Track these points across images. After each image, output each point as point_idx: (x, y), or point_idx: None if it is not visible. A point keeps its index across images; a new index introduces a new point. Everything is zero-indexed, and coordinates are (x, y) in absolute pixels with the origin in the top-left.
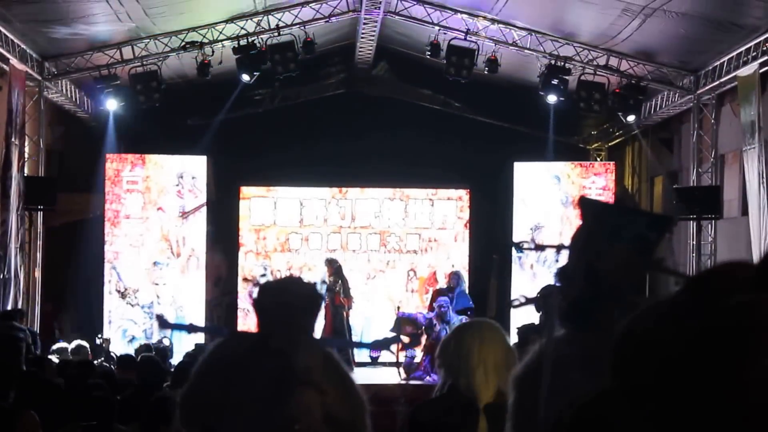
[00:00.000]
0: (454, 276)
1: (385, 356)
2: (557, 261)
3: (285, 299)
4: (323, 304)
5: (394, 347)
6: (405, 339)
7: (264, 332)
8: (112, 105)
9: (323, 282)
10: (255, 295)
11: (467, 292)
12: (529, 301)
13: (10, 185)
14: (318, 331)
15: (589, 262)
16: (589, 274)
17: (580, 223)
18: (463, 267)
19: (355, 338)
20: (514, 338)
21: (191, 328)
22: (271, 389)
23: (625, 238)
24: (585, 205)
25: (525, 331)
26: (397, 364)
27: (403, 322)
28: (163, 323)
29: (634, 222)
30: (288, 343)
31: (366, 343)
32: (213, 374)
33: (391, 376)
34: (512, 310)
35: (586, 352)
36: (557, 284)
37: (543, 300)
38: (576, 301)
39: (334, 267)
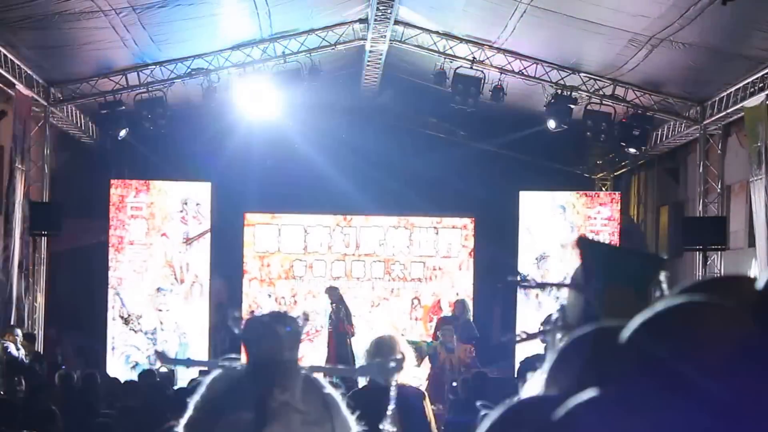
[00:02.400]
0: (459, 304)
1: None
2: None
3: (266, 334)
4: (304, 336)
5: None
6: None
7: (249, 366)
8: (117, 131)
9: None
10: (242, 328)
11: (472, 320)
12: (530, 336)
13: (14, 210)
14: (322, 359)
15: (588, 301)
16: (587, 313)
17: (579, 262)
18: (467, 295)
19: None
20: None
21: (190, 363)
22: (254, 416)
23: (621, 278)
24: (583, 245)
25: (527, 362)
26: None
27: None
28: (163, 359)
29: (629, 262)
30: (270, 376)
31: (352, 370)
32: (206, 406)
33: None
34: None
35: None
36: (558, 321)
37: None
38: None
39: (335, 295)
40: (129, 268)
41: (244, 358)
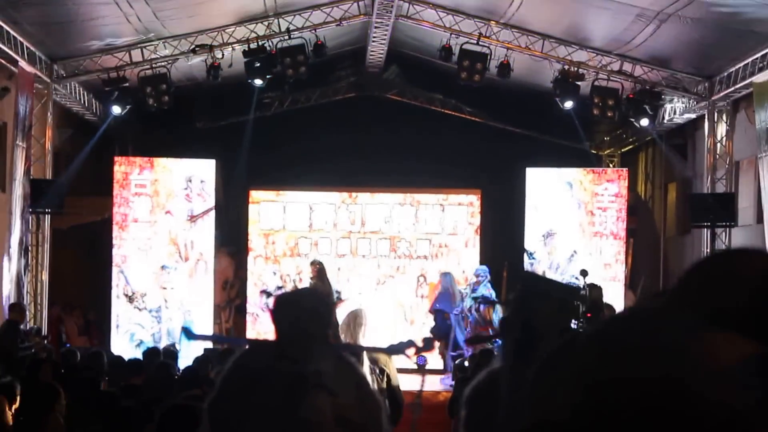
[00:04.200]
0: (442, 277)
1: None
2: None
3: (297, 310)
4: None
5: (410, 351)
6: (419, 343)
7: (279, 341)
8: (120, 108)
9: (335, 291)
10: (271, 306)
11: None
12: (481, 339)
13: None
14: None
15: (525, 318)
16: (525, 326)
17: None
18: (473, 273)
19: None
20: None
21: (216, 339)
22: (286, 394)
23: (550, 299)
24: (526, 276)
25: None
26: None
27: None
28: (189, 335)
29: (554, 288)
30: (300, 350)
31: (381, 348)
32: (236, 383)
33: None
34: None
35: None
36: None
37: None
38: (517, 345)
39: (317, 268)
40: (133, 246)
41: (264, 332)
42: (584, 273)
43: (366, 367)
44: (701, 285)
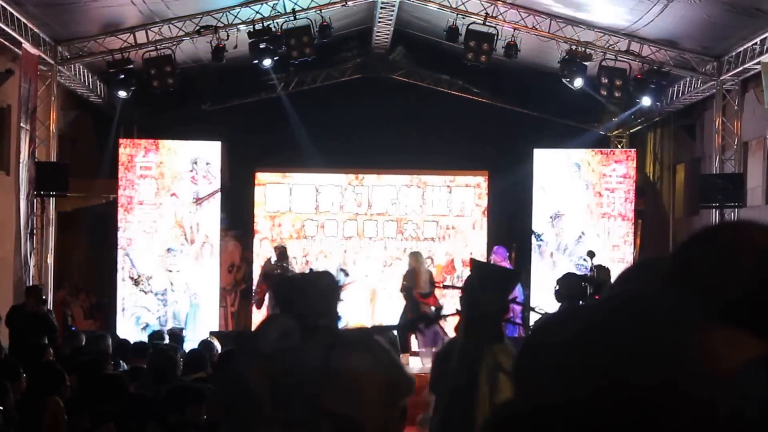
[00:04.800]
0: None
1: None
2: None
3: (303, 291)
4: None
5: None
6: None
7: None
8: (125, 90)
9: (341, 269)
10: (275, 289)
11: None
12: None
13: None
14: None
15: (474, 302)
16: (472, 307)
17: (470, 274)
18: (481, 255)
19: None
20: None
21: None
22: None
23: (495, 287)
24: (474, 263)
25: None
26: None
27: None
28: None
29: (497, 273)
30: (308, 332)
31: (391, 326)
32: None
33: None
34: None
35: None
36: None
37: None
38: (468, 325)
39: (280, 254)
40: (139, 229)
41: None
42: (591, 254)
43: None
44: (695, 265)
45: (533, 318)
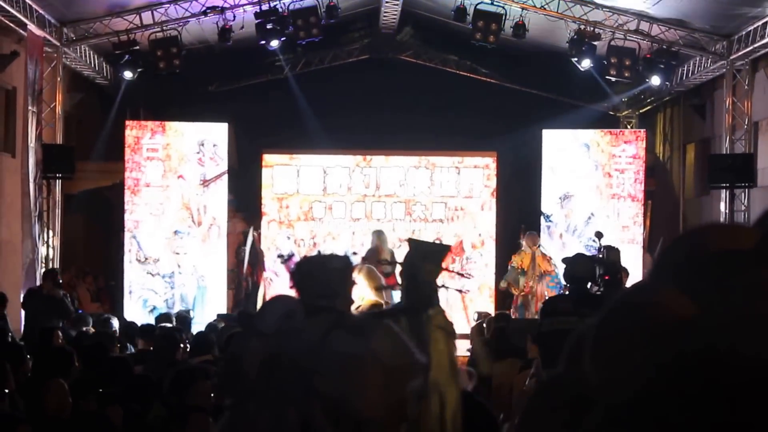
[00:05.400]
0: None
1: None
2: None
3: (318, 272)
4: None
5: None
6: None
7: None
8: (131, 71)
9: (354, 253)
10: (293, 271)
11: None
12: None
13: (27, 153)
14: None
15: (411, 275)
16: (411, 281)
17: (408, 251)
18: (490, 236)
19: None
20: None
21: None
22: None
23: (432, 259)
24: (411, 241)
25: (550, 303)
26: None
27: None
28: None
29: (432, 249)
30: (326, 315)
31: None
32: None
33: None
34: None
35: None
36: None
37: (570, 269)
38: (407, 297)
39: (245, 236)
40: (145, 211)
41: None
42: (599, 235)
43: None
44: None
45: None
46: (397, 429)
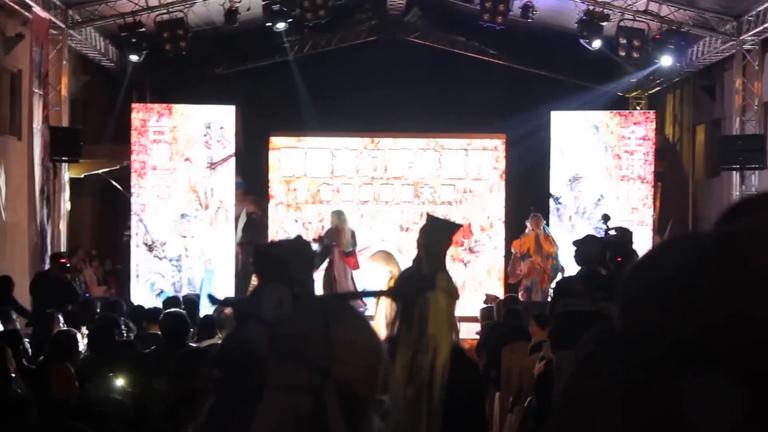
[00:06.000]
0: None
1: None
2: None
3: (277, 257)
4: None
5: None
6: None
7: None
8: (136, 54)
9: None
10: (253, 258)
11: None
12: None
13: (33, 136)
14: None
15: (426, 244)
16: (426, 249)
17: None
18: (499, 219)
19: None
20: None
21: (236, 303)
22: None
23: (444, 232)
24: (429, 217)
25: (564, 282)
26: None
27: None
28: (212, 300)
29: (447, 224)
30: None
31: (359, 293)
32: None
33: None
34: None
35: None
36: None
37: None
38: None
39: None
40: (152, 194)
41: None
42: (606, 218)
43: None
44: None
45: None
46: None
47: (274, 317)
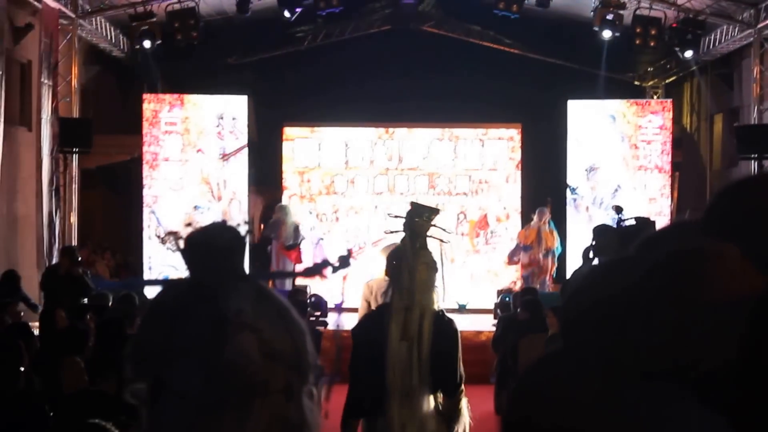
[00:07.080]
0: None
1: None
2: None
3: (209, 244)
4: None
5: (326, 271)
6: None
7: (193, 278)
8: (147, 44)
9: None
10: (181, 246)
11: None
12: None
13: (42, 127)
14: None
15: (409, 225)
16: (410, 230)
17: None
18: (515, 209)
19: None
20: None
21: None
22: (208, 335)
23: (424, 216)
24: (412, 204)
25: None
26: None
27: None
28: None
29: (429, 209)
30: (217, 286)
31: (294, 273)
32: (156, 322)
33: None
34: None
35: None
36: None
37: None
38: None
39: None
40: (164, 186)
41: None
42: (618, 209)
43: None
44: (728, 216)
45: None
46: None
47: (252, 320)
